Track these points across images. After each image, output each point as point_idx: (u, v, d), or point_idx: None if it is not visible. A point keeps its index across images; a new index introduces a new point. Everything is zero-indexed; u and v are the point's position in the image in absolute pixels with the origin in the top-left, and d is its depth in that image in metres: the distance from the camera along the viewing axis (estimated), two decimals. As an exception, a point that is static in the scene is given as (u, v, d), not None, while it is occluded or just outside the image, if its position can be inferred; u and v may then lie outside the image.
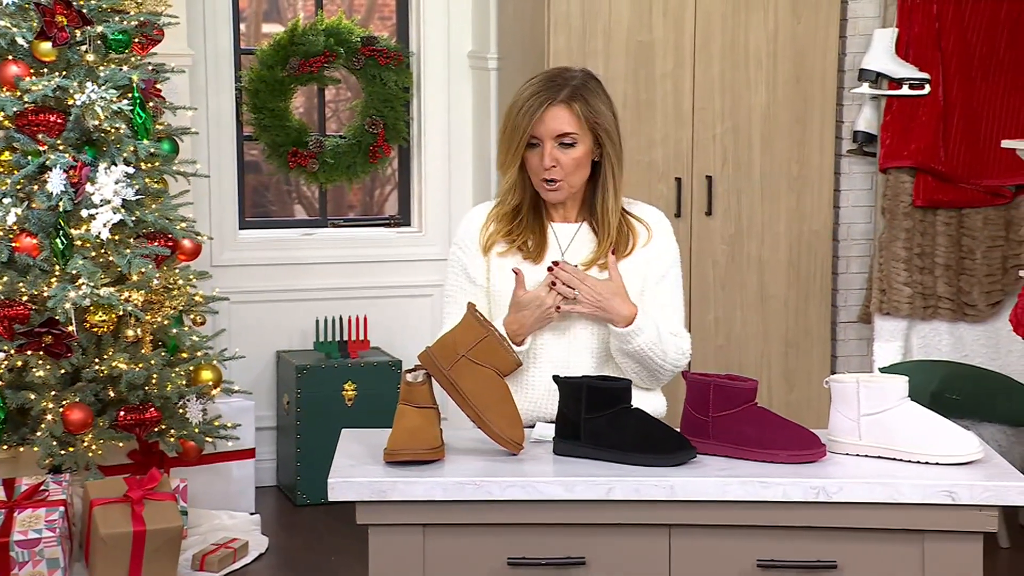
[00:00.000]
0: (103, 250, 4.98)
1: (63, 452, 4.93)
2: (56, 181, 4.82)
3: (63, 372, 4.94)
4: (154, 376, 5.06)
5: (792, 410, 5.74)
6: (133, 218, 5.01)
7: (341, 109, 6.78)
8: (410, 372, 3.00)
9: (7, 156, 4.96)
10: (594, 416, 2.96)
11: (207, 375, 5.29)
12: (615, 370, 3.33)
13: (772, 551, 2.87)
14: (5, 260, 4.87)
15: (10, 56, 4.95)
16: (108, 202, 4.85)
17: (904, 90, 5.68)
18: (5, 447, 4.96)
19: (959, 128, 5.73)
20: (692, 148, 5.73)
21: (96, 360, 5.01)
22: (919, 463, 2.93)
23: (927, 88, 5.67)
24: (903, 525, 2.85)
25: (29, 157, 4.92)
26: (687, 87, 5.70)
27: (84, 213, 4.87)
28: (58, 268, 4.91)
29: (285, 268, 6.24)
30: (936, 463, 2.92)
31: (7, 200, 4.89)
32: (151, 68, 5.23)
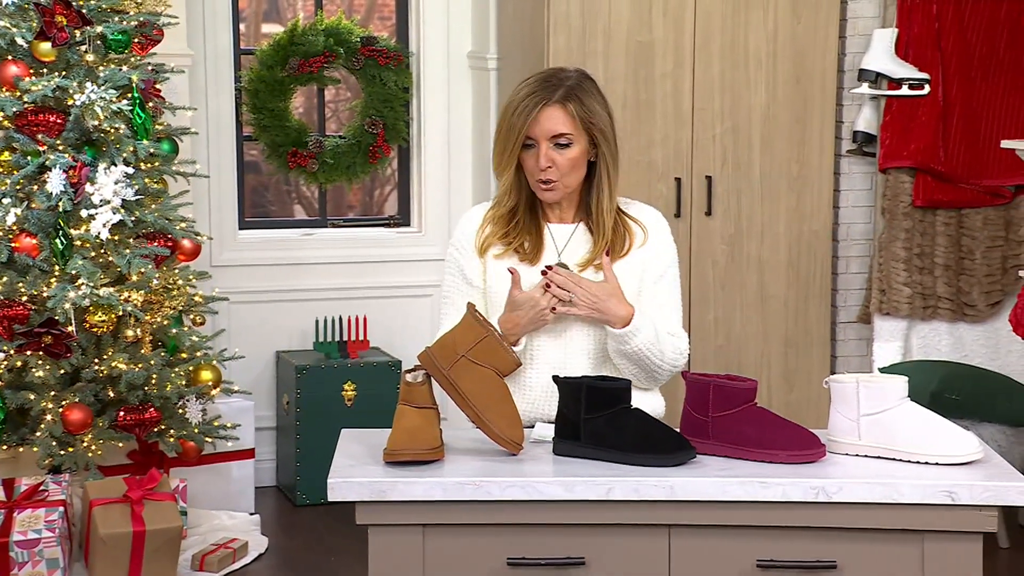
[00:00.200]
0: (103, 250, 4.98)
1: (63, 452, 4.92)
2: (56, 181, 4.81)
3: (63, 372, 4.94)
4: (154, 376, 5.06)
5: (792, 410, 5.73)
6: (133, 218, 5.01)
7: (341, 109, 6.78)
8: (410, 372, 3.00)
9: (7, 156, 4.96)
10: (594, 416, 2.96)
11: (207, 375, 5.29)
12: (612, 371, 3.33)
13: (772, 551, 2.87)
14: (5, 260, 4.87)
15: (10, 56, 4.95)
16: (108, 202, 4.85)
17: (904, 90, 5.67)
18: (5, 447, 4.96)
19: (959, 128, 5.72)
20: (692, 148, 5.73)
21: (96, 360, 5.01)
22: (919, 463, 2.93)
23: (927, 88, 5.67)
24: (903, 525, 2.85)
25: (29, 157, 4.92)
26: (687, 87, 5.69)
27: (84, 213, 4.87)
28: (58, 268, 4.91)
29: (285, 268, 6.24)
30: (936, 463, 2.92)
31: (7, 200, 4.89)
32: (151, 68, 5.23)
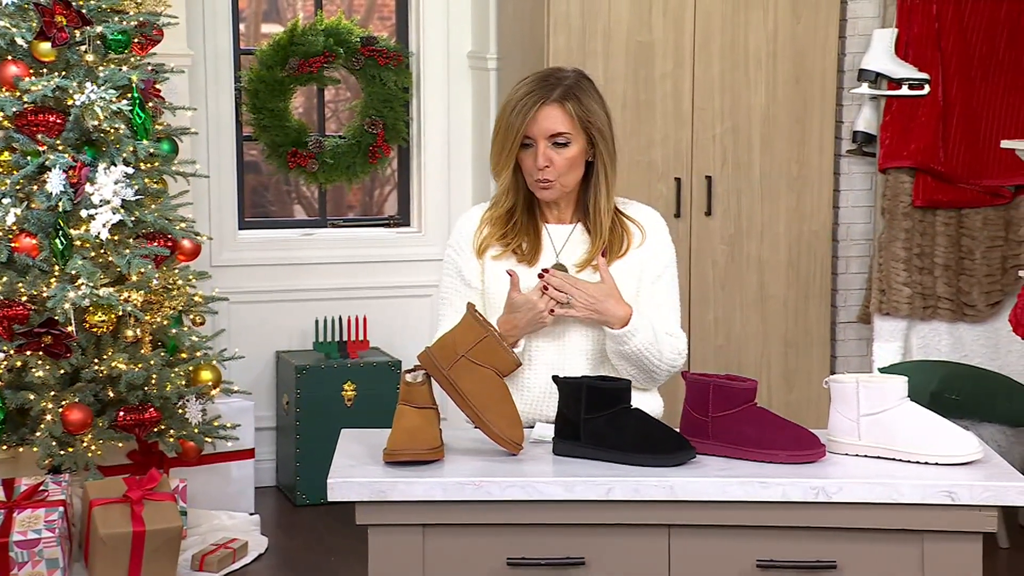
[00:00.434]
0: (103, 250, 4.98)
1: (63, 452, 4.92)
2: (55, 181, 4.81)
3: (62, 372, 4.93)
4: (153, 376, 5.06)
5: (792, 410, 5.73)
6: (133, 218, 5.01)
7: (341, 109, 6.78)
8: (409, 372, 3.00)
9: (7, 156, 4.96)
10: (594, 416, 2.96)
11: (206, 375, 5.29)
12: (610, 372, 3.32)
13: (772, 551, 2.87)
14: (5, 260, 4.87)
15: (10, 56, 4.95)
16: (107, 202, 4.85)
17: (903, 90, 5.67)
18: (5, 447, 4.96)
19: (959, 128, 5.72)
20: (692, 148, 5.73)
21: (95, 360, 5.01)
22: (918, 463, 2.93)
23: (926, 88, 5.67)
24: (902, 525, 2.85)
25: (28, 157, 4.92)
26: (687, 87, 5.69)
27: (83, 213, 4.87)
28: (57, 268, 4.91)
29: (285, 268, 6.24)
30: (935, 463, 2.92)
31: (7, 200, 4.89)
32: (150, 68, 5.23)
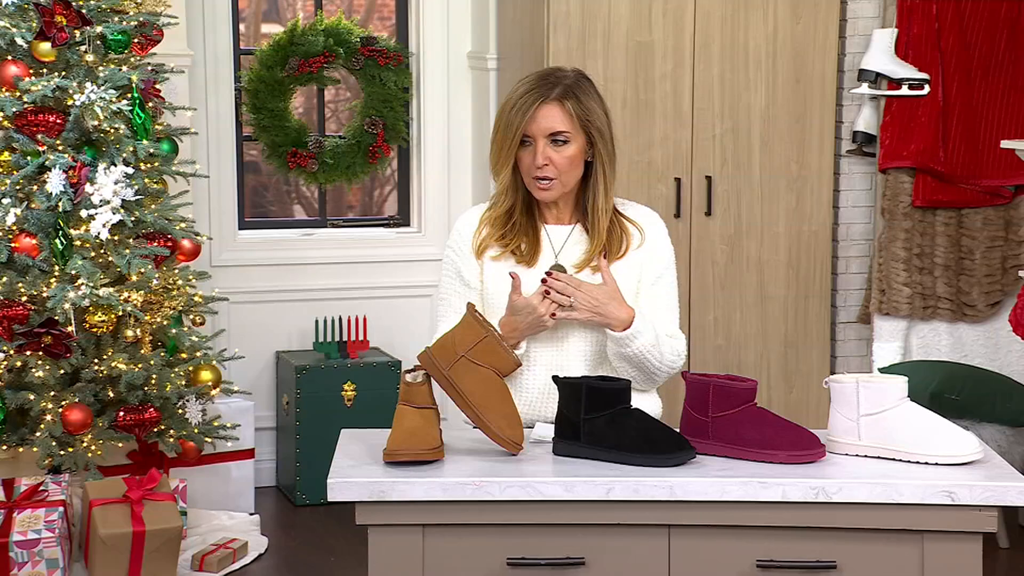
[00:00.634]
0: (102, 250, 4.98)
1: (62, 452, 4.92)
2: (55, 181, 4.81)
3: (62, 372, 4.93)
4: (153, 376, 5.06)
5: (792, 410, 5.73)
6: (132, 218, 5.01)
7: (340, 109, 6.78)
8: (409, 372, 3.00)
9: (6, 156, 4.96)
10: (594, 416, 2.96)
11: (206, 375, 5.29)
12: (609, 373, 3.32)
13: (771, 551, 2.87)
14: (4, 260, 4.87)
15: (10, 56, 4.95)
16: (107, 202, 4.85)
17: (903, 90, 5.67)
18: (5, 447, 4.96)
19: (958, 128, 5.72)
20: (691, 148, 5.73)
21: (95, 360, 5.01)
22: (918, 463, 2.93)
23: (926, 88, 5.67)
24: (902, 525, 2.85)
25: (28, 157, 4.92)
26: (686, 88, 5.69)
27: (83, 213, 4.87)
28: (57, 268, 4.91)
29: (285, 268, 6.24)
30: (935, 463, 2.92)
31: (6, 200, 4.89)
32: (150, 68, 5.23)
